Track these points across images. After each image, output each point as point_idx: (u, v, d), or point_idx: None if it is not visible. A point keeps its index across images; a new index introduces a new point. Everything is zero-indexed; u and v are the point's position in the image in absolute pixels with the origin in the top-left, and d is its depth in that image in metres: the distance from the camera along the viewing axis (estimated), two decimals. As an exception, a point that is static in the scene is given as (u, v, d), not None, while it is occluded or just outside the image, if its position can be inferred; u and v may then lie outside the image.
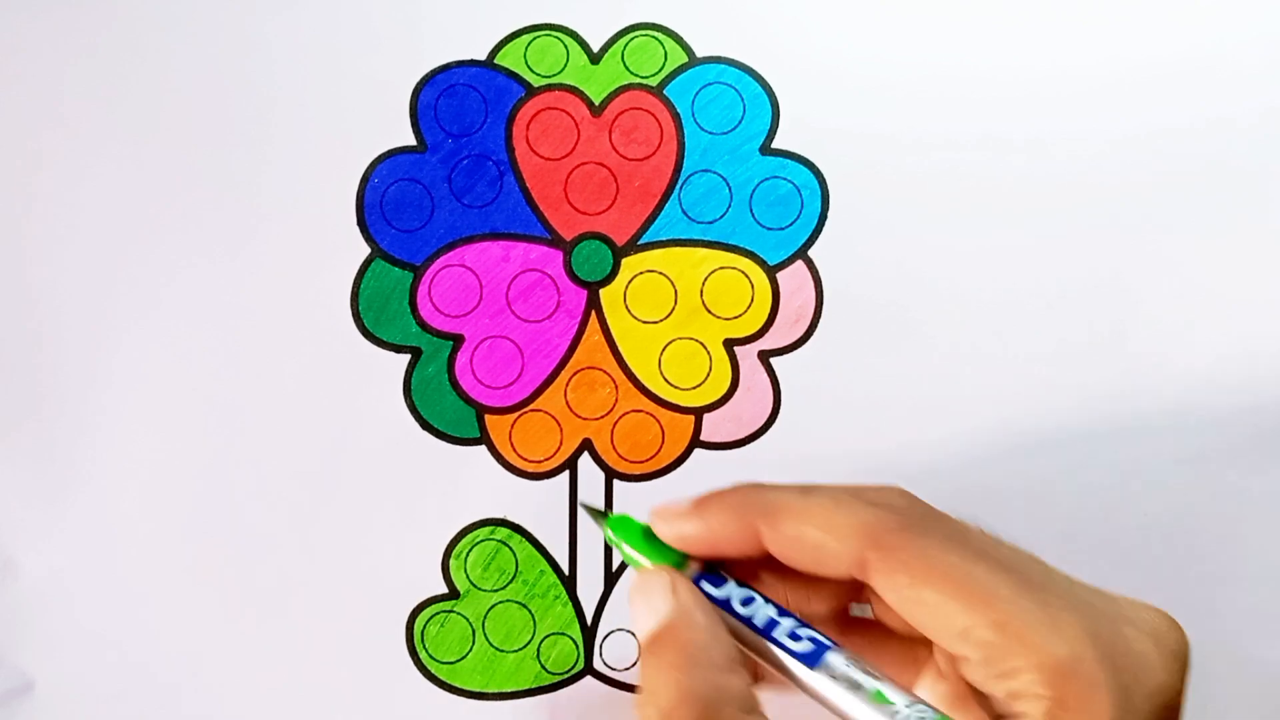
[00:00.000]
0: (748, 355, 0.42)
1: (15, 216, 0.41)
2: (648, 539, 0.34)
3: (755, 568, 0.35)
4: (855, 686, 0.30)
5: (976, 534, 0.32)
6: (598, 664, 0.41)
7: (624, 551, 0.34)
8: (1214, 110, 0.42)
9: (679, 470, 0.42)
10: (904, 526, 0.31)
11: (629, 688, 0.41)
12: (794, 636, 0.32)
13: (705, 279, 0.42)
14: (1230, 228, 0.42)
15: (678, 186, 0.42)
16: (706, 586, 0.33)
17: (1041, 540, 0.42)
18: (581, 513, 0.41)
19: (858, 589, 0.33)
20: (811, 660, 0.31)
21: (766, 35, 0.42)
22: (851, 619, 0.36)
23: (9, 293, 0.41)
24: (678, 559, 0.33)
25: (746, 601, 0.32)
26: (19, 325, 0.41)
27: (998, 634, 0.30)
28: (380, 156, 0.42)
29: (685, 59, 0.42)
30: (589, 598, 0.41)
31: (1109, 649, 0.29)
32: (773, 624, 0.32)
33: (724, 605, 0.33)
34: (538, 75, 0.42)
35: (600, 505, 0.41)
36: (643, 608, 0.33)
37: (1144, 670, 0.30)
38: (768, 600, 0.33)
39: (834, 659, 0.31)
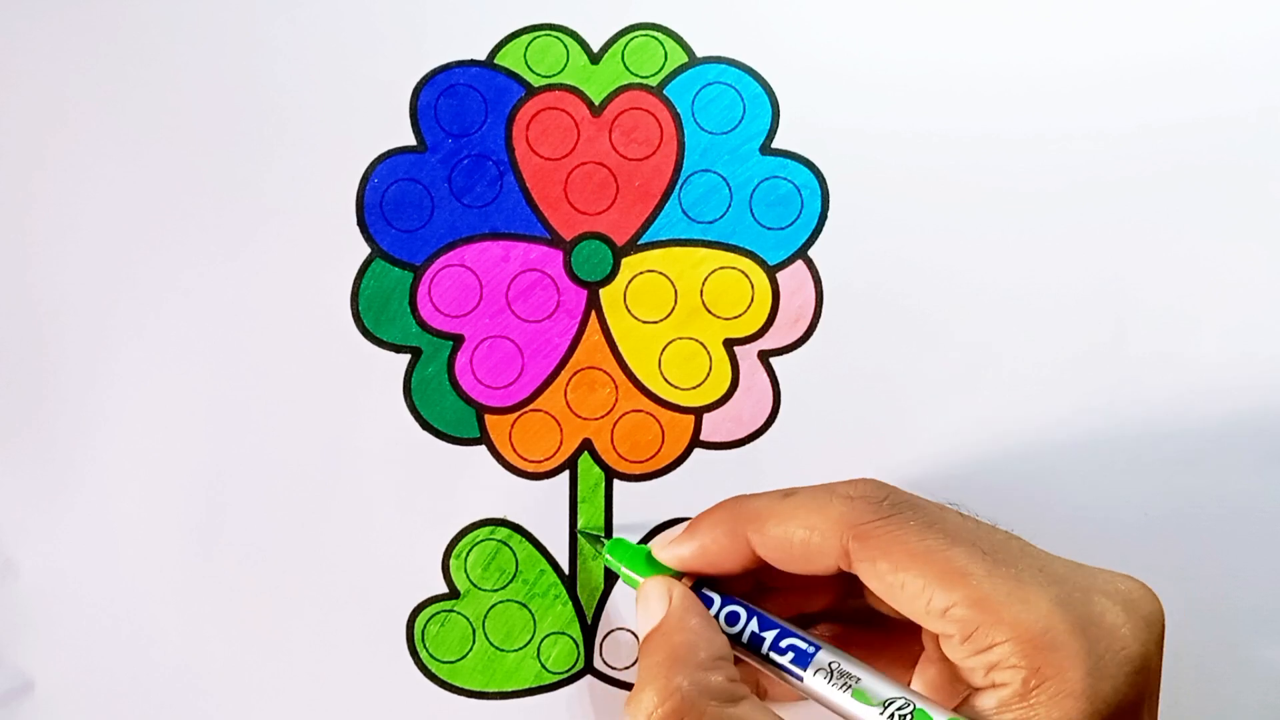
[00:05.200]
0: (748, 355, 0.42)
1: (16, 216, 0.41)
2: (649, 562, 0.37)
3: (752, 583, 0.37)
4: (841, 685, 0.33)
5: (952, 516, 0.33)
6: (598, 663, 0.41)
7: (622, 573, 0.38)
8: (1216, 107, 0.42)
9: (679, 470, 0.42)
10: (881, 515, 0.33)
11: (629, 687, 0.41)
12: (779, 647, 0.34)
13: (705, 279, 0.42)
14: (1233, 225, 0.42)
15: (678, 186, 0.42)
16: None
17: (1042, 539, 0.42)
18: (581, 525, 0.41)
19: (850, 583, 0.35)
20: (801, 663, 0.34)
21: (766, 35, 0.42)
22: (849, 612, 0.37)
23: (10, 293, 0.41)
24: (674, 577, 0.36)
25: (733, 618, 0.35)
26: (19, 325, 0.41)
27: (975, 610, 0.31)
28: (380, 156, 0.42)
29: (685, 59, 0.42)
30: (589, 597, 0.41)
31: (1081, 620, 0.31)
32: (760, 636, 0.35)
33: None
34: (538, 75, 0.42)
35: (598, 530, 0.41)
36: (642, 612, 0.36)
37: (1116, 639, 0.31)
38: (754, 612, 0.35)
39: (821, 660, 0.33)
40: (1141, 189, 0.42)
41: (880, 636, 0.36)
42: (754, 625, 0.35)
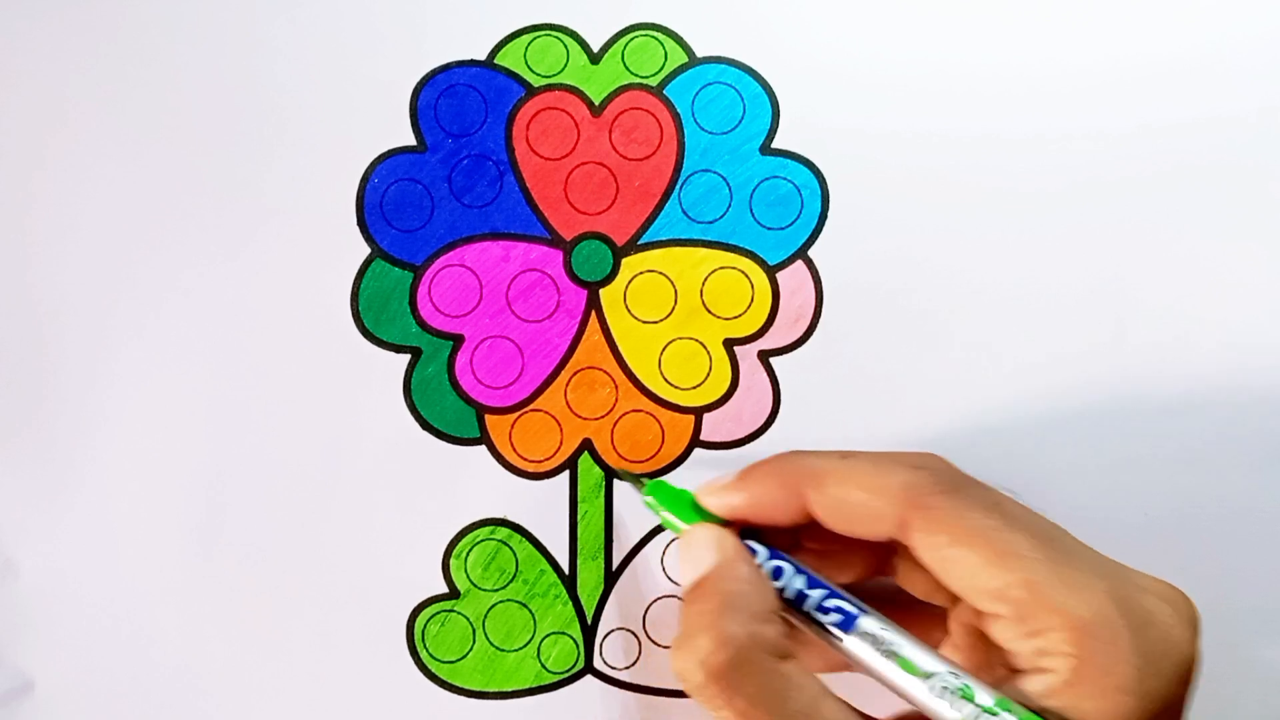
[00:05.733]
0: (748, 355, 0.42)
1: (17, 216, 0.41)
2: (693, 509, 0.36)
3: (791, 541, 0.36)
4: (885, 652, 0.32)
5: (1010, 502, 0.33)
6: (598, 663, 0.41)
7: (663, 517, 0.36)
8: (1216, 107, 0.42)
9: (679, 470, 0.42)
10: (943, 490, 0.33)
11: (629, 687, 0.41)
12: (825, 606, 0.33)
13: (705, 279, 0.42)
14: (1233, 225, 0.42)
15: (678, 186, 0.42)
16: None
17: (1041, 540, 0.42)
18: (619, 484, 0.41)
19: (883, 562, 0.35)
20: (845, 626, 0.33)
21: (766, 35, 0.42)
22: (874, 596, 0.37)
23: (10, 293, 0.41)
24: (719, 525, 0.35)
25: (778, 573, 0.34)
26: (19, 325, 0.41)
27: (1029, 594, 0.31)
28: (380, 156, 0.42)
29: (685, 59, 0.42)
30: (589, 597, 0.41)
31: (1134, 615, 0.31)
32: (805, 593, 0.34)
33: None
34: (538, 75, 0.42)
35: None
36: (688, 559, 0.35)
37: (1167, 637, 0.31)
38: (800, 569, 0.34)
39: (866, 624, 0.33)
40: (1141, 189, 0.42)
41: (904, 618, 0.36)
42: (799, 582, 0.34)
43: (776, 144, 0.42)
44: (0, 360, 0.41)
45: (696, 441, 0.42)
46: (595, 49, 0.42)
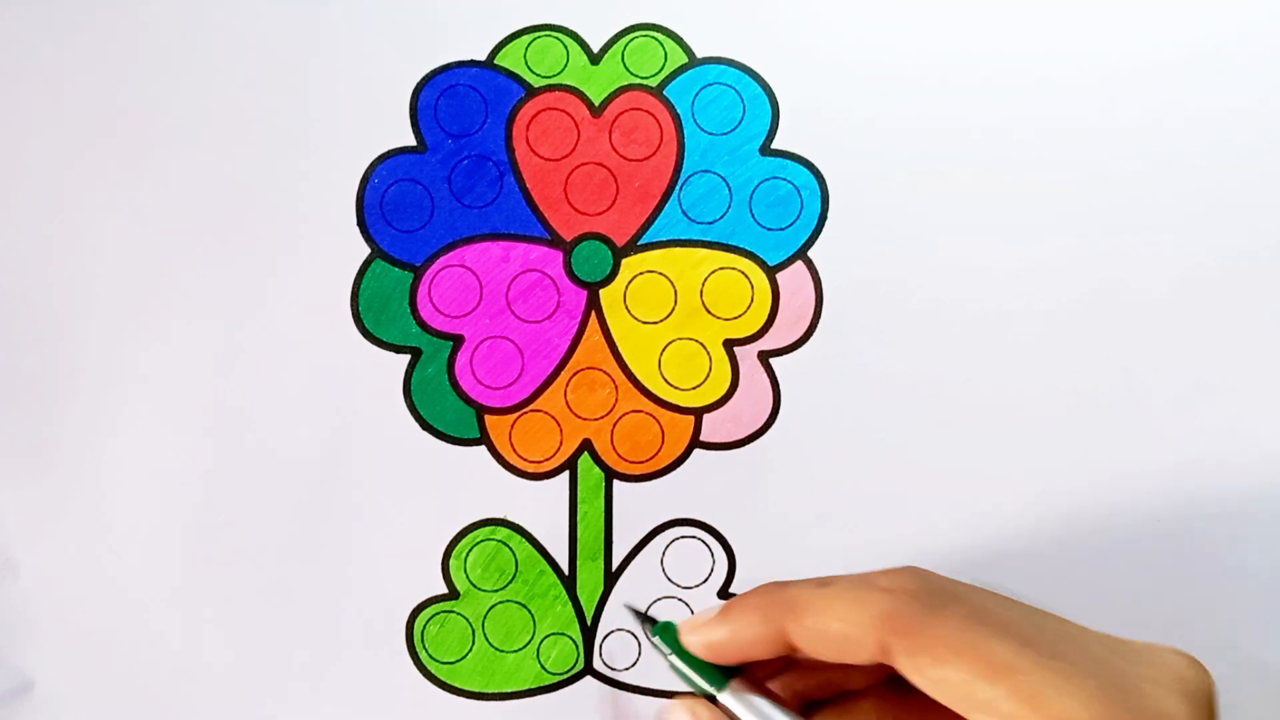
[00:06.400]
0: (748, 355, 0.42)
1: (13, 218, 0.41)
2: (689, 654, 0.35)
3: (784, 662, 0.36)
4: None
5: (992, 604, 0.32)
6: (598, 664, 0.41)
7: (671, 662, 0.35)
8: (1217, 104, 0.42)
9: (679, 471, 0.42)
10: (922, 610, 0.32)
11: (629, 688, 0.41)
12: None
13: (705, 279, 0.42)
14: (1232, 223, 0.42)
15: (678, 187, 0.42)
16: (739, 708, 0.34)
17: (1042, 541, 0.42)
18: (627, 613, 0.41)
19: (885, 667, 0.34)
20: None
21: (766, 36, 0.42)
22: (896, 686, 0.36)
23: (10, 294, 0.41)
24: (718, 673, 0.34)
25: None
26: (18, 326, 0.41)
27: (1020, 704, 0.30)
28: (380, 156, 0.42)
29: (685, 59, 0.42)
30: (589, 598, 0.41)
31: (1133, 711, 0.30)
32: None
33: None
34: (538, 76, 0.42)
35: (641, 608, 0.41)
36: None
37: None
38: None
39: None
40: (1144, 185, 0.42)
41: (927, 709, 0.36)
42: None
43: (776, 144, 0.42)
44: (1, 361, 0.41)
45: (696, 442, 0.42)
46: (595, 49, 0.42)
